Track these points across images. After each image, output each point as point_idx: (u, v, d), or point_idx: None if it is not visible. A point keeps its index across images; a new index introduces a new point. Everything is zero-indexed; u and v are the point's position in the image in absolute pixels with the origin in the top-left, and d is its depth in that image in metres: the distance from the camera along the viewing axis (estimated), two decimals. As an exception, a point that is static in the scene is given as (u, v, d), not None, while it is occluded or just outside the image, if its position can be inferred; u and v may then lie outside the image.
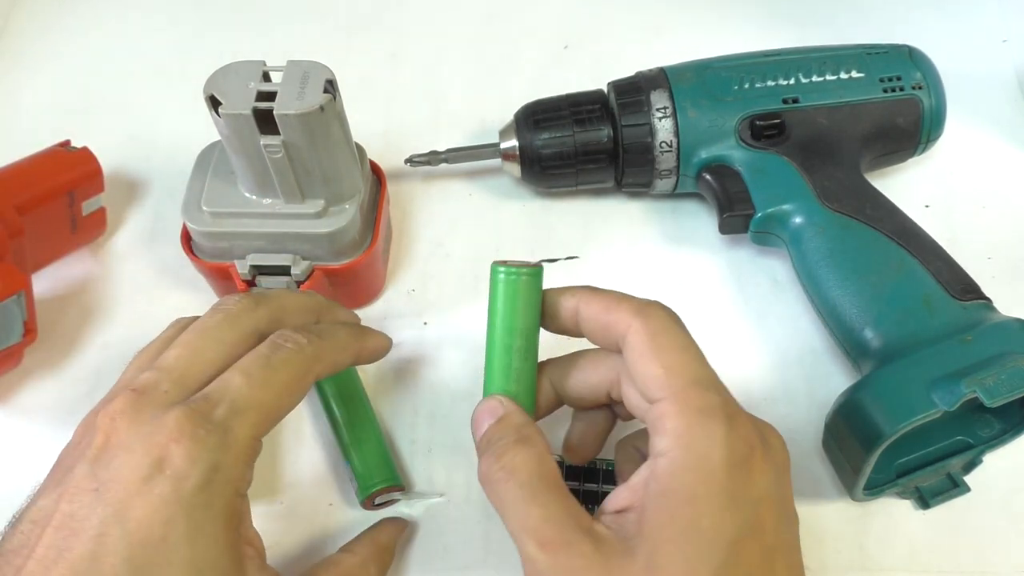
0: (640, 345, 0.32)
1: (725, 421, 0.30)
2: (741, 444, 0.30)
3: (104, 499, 0.30)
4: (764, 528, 0.30)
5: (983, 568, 0.39)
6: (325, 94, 0.37)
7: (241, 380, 0.32)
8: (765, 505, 0.30)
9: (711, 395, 0.31)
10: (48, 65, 0.58)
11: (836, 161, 0.45)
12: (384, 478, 0.40)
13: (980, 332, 0.37)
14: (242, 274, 0.42)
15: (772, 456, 0.31)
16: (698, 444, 0.30)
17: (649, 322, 0.33)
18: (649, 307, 0.33)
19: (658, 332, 0.32)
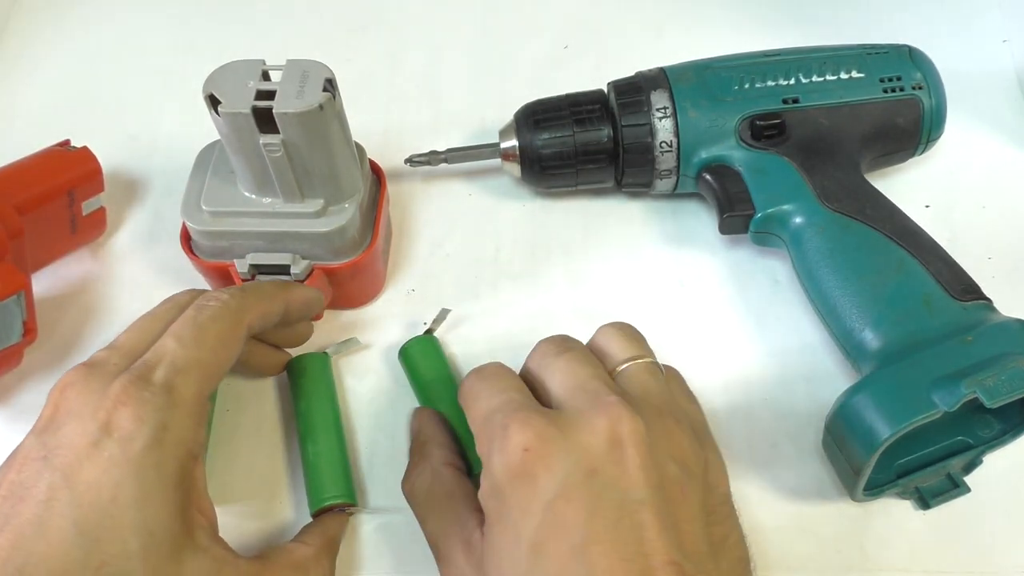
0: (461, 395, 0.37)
1: (498, 439, 0.32)
2: (513, 453, 0.31)
3: (52, 465, 0.30)
4: (567, 522, 0.30)
5: (983, 568, 0.39)
6: (324, 93, 0.37)
7: (173, 342, 0.33)
8: (563, 499, 0.31)
9: (494, 419, 0.33)
10: (48, 65, 0.58)
11: (836, 161, 0.45)
12: (335, 494, 0.39)
13: (980, 332, 0.37)
14: (242, 273, 0.42)
15: (561, 446, 0.31)
16: (488, 470, 0.33)
17: (461, 394, 0.37)
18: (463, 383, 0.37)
19: (465, 396, 0.36)
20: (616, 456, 0.31)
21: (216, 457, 0.43)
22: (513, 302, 0.47)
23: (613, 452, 0.31)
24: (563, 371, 0.35)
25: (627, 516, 0.30)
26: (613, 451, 0.31)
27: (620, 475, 0.31)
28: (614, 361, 0.36)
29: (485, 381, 0.36)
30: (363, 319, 0.47)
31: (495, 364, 0.37)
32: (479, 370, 0.37)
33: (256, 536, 0.41)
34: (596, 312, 0.46)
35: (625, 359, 0.36)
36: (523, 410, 0.33)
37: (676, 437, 0.34)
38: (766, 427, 0.43)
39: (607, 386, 0.34)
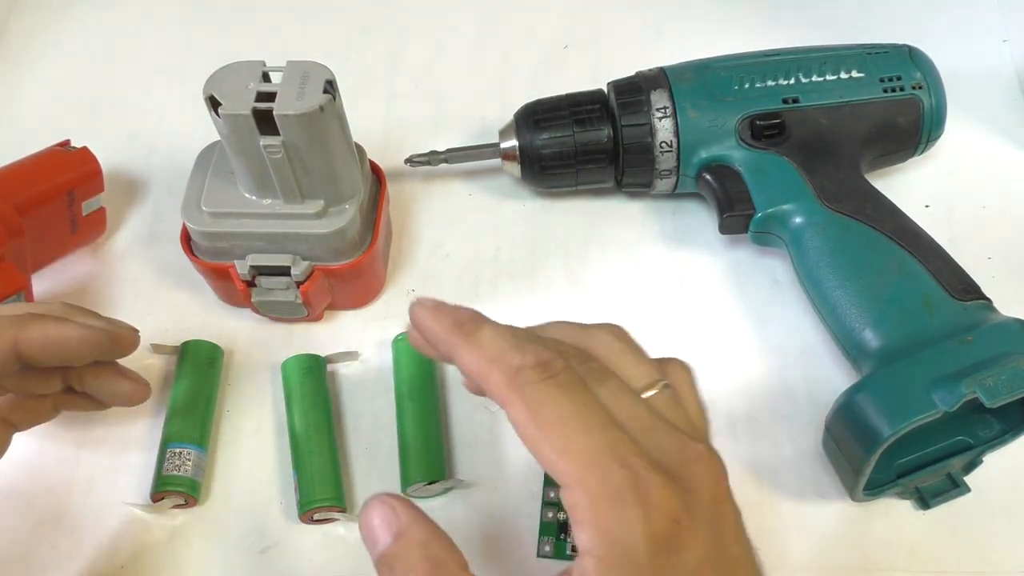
0: (524, 427, 0.28)
1: (639, 504, 0.27)
2: (662, 523, 0.27)
3: None
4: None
5: (983, 568, 0.39)
6: (325, 94, 0.37)
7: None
8: (702, 569, 0.27)
9: (616, 474, 0.27)
10: (48, 65, 0.58)
11: (836, 161, 0.45)
12: (325, 497, 0.40)
13: (980, 332, 0.37)
14: (242, 274, 0.42)
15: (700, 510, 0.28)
16: (617, 540, 0.27)
17: (525, 397, 0.28)
18: (524, 376, 0.28)
19: (537, 407, 0.28)
20: (721, 513, 0.29)
21: (216, 457, 0.43)
22: (513, 302, 0.47)
23: (718, 508, 0.29)
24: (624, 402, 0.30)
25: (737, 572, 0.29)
26: (718, 507, 0.29)
27: (727, 533, 0.29)
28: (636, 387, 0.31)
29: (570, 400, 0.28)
30: (363, 319, 0.47)
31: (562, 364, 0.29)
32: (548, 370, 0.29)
33: (256, 536, 0.41)
34: (596, 312, 0.47)
35: (644, 387, 0.31)
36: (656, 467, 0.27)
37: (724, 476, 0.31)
38: (766, 427, 0.43)
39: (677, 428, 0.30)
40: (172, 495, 0.40)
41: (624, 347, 0.32)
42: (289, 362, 0.43)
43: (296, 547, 0.40)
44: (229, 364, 0.46)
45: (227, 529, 0.41)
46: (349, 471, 0.42)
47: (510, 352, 0.29)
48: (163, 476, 0.40)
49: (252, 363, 0.46)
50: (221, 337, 0.45)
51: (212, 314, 0.47)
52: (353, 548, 0.40)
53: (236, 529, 0.41)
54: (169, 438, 0.41)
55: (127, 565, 0.40)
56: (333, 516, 0.40)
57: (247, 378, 0.45)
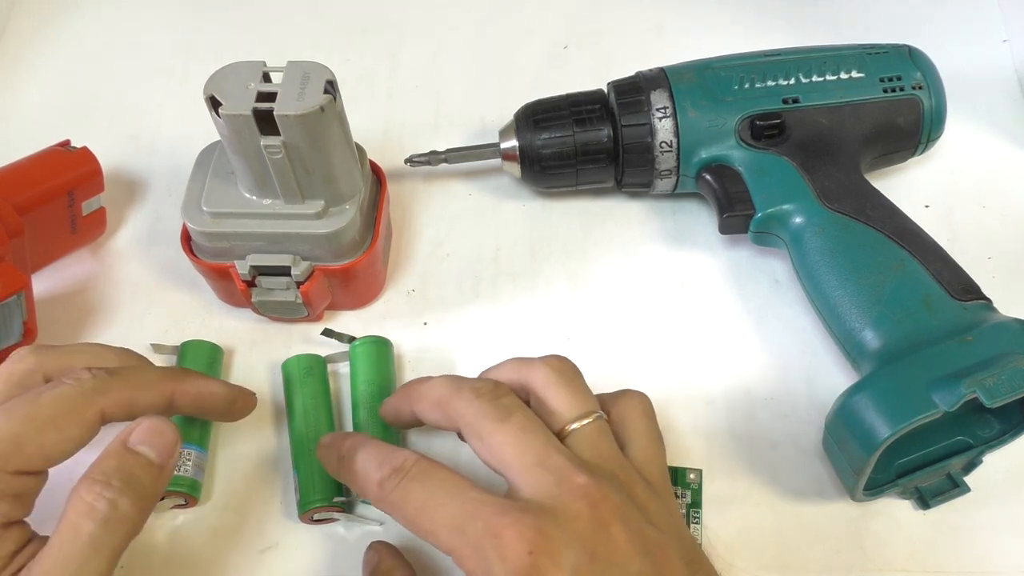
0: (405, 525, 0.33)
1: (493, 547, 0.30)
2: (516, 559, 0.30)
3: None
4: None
5: (983, 568, 0.39)
6: (325, 95, 0.37)
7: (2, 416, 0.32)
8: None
9: (470, 530, 0.31)
10: (48, 65, 0.58)
11: (836, 161, 0.45)
12: (325, 497, 0.39)
13: (980, 332, 0.37)
14: (242, 275, 0.42)
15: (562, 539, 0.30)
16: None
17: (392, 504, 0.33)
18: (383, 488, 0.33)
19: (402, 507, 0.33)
20: (604, 536, 0.31)
21: (216, 457, 0.43)
22: (513, 302, 0.47)
23: (600, 533, 0.31)
24: (514, 443, 0.33)
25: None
26: (600, 532, 0.31)
27: (612, 552, 0.31)
28: (562, 420, 0.35)
29: (424, 487, 0.33)
30: (363, 319, 0.47)
31: (421, 462, 0.33)
32: (400, 473, 0.33)
33: (256, 536, 0.41)
34: (596, 312, 0.47)
35: (574, 418, 0.35)
36: (504, 511, 0.31)
37: (641, 500, 0.33)
38: (766, 427, 0.43)
39: (569, 461, 0.33)
40: (172, 495, 0.40)
41: (559, 379, 0.36)
42: (289, 362, 0.43)
43: (296, 547, 0.40)
44: (229, 364, 0.46)
45: (227, 529, 0.41)
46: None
47: (372, 471, 0.34)
48: (163, 476, 0.40)
49: (252, 363, 0.46)
50: (221, 337, 0.45)
51: (212, 314, 0.47)
52: (353, 548, 0.40)
53: (236, 529, 0.41)
54: (169, 438, 0.41)
55: (127, 565, 0.40)
56: (333, 516, 0.40)
57: (247, 378, 0.45)
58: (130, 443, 0.33)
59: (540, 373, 0.36)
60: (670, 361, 0.45)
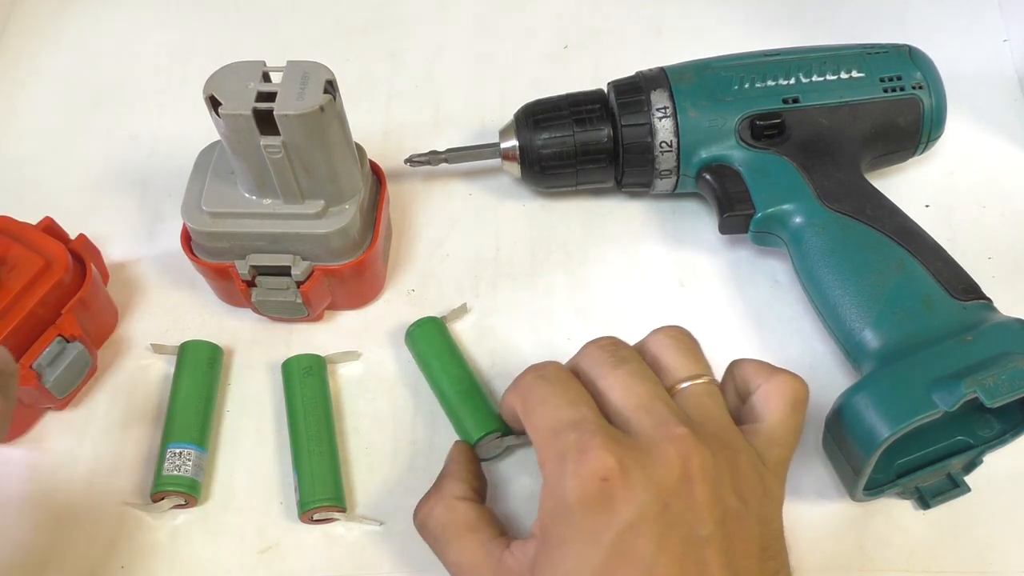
0: (520, 417, 0.36)
1: (573, 461, 0.31)
2: (590, 481, 0.31)
3: None
4: (635, 552, 0.30)
5: (983, 568, 0.39)
6: (325, 95, 0.37)
7: None
8: (634, 530, 0.30)
9: (564, 437, 0.32)
10: (48, 65, 0.58)
11: (836, 161, 0.45)
12: (325, 497, 0.40)
13: (980, 332, 0.37)
14: (242, 275, 0.42)
15: (640, 476, 0.31)
16: (554, 492, 0.32)
17: (518, 392, 0.36)
18: (520, 379, 0.36)
19: (525, 398, 0.35)
20: (686, 491, 0.31)
21: (216, 457, 0.43)
22: (513, 302, 0.47)
23: (683, 487, 0.31)
24: (623, 387, 0.34)
25: (692, 552, 0.31)
26: (683, 486, 0.31)
27: (687, 510, 0.31)
28: (673, 378, 0.36)
29: (551, 386, 0.35)
30: (363, 320, 0.47)
31: (555, 366, 0.36)
32: (540, 371, 0.36)
33: (256, 536, 0.41)
34: (596, 312, 0.47)
35: (684, 378, 0.35)
36: (601, 434, 0.32)
37: (738, 469, 0.33)
38: (766, 427, 0.43)
39: (673, 413, 0.33)
40: (172, 495, 0.40)
41: (673, 343, 0.37)
42: (289, 362, 0.43)
43: (296, 547, 0.40)
44: (229, 364, 0.46)
45: (227, 529, 0.41)
46: (349, 471, 0.42)
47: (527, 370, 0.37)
48: (163, 476, 0.40)
49: (252, 363, 0.46)
50: (221, 337, 0.45)
51: (212, 314, 0.47)
52: (353, 548, 0.40)
53: (236, 529, 0.41)
54: (169, 438, 0.41)
55: (127, 565, 0.40)
56: (333, 516, 0.40)
57: (247, 378, 0.45)
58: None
59: (657, 337, 0.37)
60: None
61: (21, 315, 0.40)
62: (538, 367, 0.36)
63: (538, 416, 0.34)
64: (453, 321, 0.46)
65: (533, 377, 0.36)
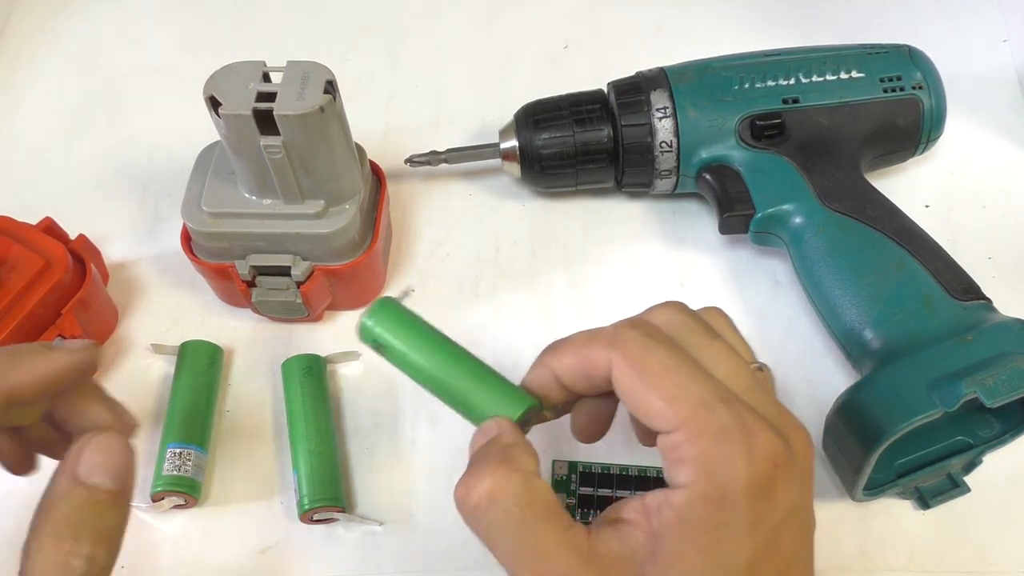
0: (627, 381, 0.30)
1: (743, 442, 0.28)
2: (763, 464, 0.28)
3: None
4: (782, 546, 0.29)
5: (983, 568, 0.39)
6: (325, 95, 0.37)
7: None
8: (786, 523, 0.29)
9: (722, 413, 0.28)
10: (48, 65, 0.58)
11: (836, 161, 0.45)
12: (325, 497, 0.40)
13: (980, 332, 0.37)
14: (242, 275, 0.42)
15: (796, 466, 0.29)
16: (720, 474, 0.28)
17: (628, 352, 0.30)
18: (621, 333, 0.30)
19: (641, 360, 0.29)
20: (808, 482, 0.30)
21: (216, 457, 0.43)
22: (513, 302, 0.47)
23: (808, 477, 0.30)
24: (728, 363, 0.30)
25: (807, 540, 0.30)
26: (807, 476, 0.30)
27: (807, 500, 0.30)
28: None
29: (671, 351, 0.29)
30: (363, 319, 0.47)
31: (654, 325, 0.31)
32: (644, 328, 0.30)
33: (256, 536, 0.41)
34: (596, 312, 0.47)
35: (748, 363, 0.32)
36: (757, 414, 0.29)
37: None
38: (766, 427, 0.43)
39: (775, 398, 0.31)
40: (172, 495, 0.40)
41: (729, 325, 0.34)
42: (289, 362, 0.43)
43: (296, 547, 0.40)
44: (229, 364, 0.46)
45: (227, 529, 0.41)
46: (349, 471, 0.42)
47: (601, 328, 0.31)
48: (163, 476, 0.40)
49: (252, 363, 0.46)
50: (221, 337, 0.45)
51: (212, 314, 0.47)
52: (353, 548, 0.40)
53: (236, 529, 0.41)
54: (169, 438, 0.41)
55: (127, 565, 0.40)
56: (333, 516, 0.40)
57: (247, 378, 0.45)
58: (80, 475, 0.29)
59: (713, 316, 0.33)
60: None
61: (21, 315, 0.41)
62: (636, 323, 0.31)
63: (670, 383, 0.29)
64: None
65: (640, 336, 0.30)
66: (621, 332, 0.30)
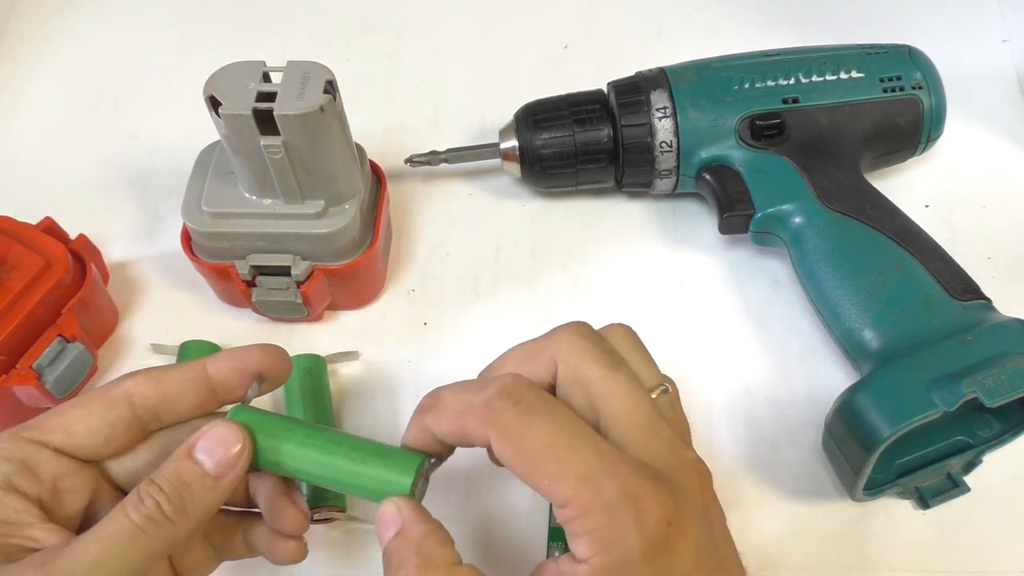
0: (509, 460, 0.29)
1: (631, 511, 0.28)
2: (655, 528, 0.28)
3: None
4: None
5: (983, 568, 0.39)
6: (325, 95, 0.37)
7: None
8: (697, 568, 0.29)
9: (606, 486, 0.28)
10: (48, 65, 0.58)
11: (836, 161, 0.45)
12: (325, 497, 0.39)
13: (980, 332, 0.37)
14: (242, 275, 0.42)
15: (689, 506, 0.29)
16: (615, 547, 0.28)
17: (504, 430, 0.29)
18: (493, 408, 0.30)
19: (518, 438, 0.29)
20: (709, 515, 0.31)
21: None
22: (513, 302, 0.47)
23: (707, 511, 0.31)
24: (627, 397, 0.30)
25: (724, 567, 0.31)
26: (707, 510, 0.31)
27: (716, 533, 0.31)
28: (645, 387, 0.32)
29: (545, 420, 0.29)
30: (363, 320, 0.47)
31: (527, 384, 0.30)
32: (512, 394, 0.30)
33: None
34: (596, 312, 0.47)
35: (654, 387, 0.33)
36: (640, 473, 0.28)
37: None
38: (766, 427, 0.43)
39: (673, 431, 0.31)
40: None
41: (634, 346, 0.34)
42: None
43: (296, 547, 0.40)
44: (229, 364, 0.46)
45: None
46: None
47: (473, 396, 0.30)
48: (163, 476, 0.40)
49: (252, 363, 0.46)
50: (221, 337, 0.45)
51: (212, 314, 0.47)
52: (353, 548, 0.40)
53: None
54: (169, 438, 0.41)
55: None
56: (333, 516, 0.40)
57: (247, 378, 0.45)
58: (193, 450, 0.31)
59: (618, 335, 0.34)
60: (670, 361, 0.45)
61: (21, 315, 0.41)
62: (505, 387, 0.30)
63: (551, 461, 0.29)
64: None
65: (514, 410, 0.29)
66: (493, 406, 0.30)
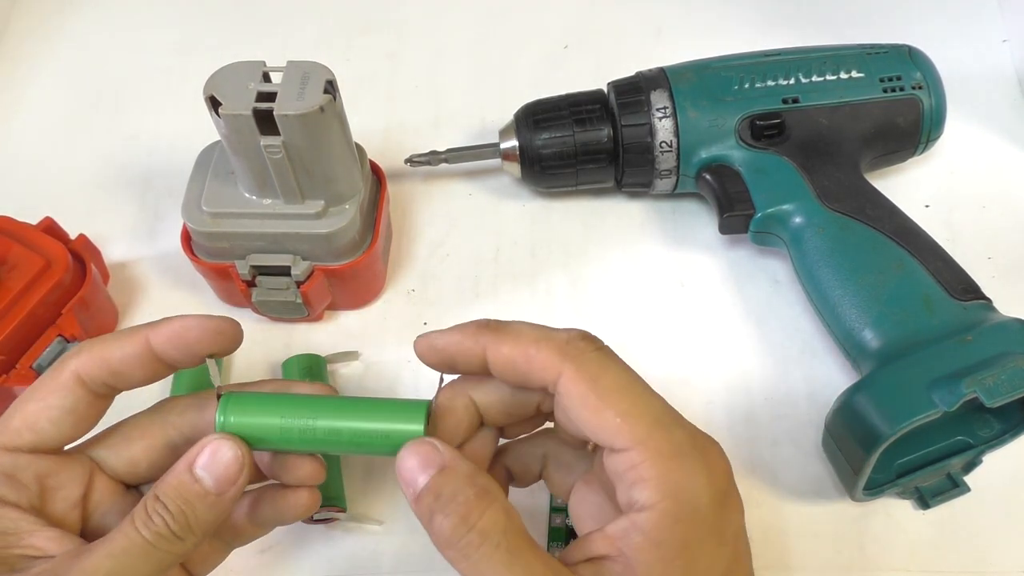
0: (581, 395, 0.29)
1: (702, 460, 0.29)
2: (721, 479, 0.30)
3: None
4: (742, 551, 0.31)
5: (983, 568, 0.39)
6: (325, 95, 0.37)
7: None
8: (741, 533, 0.31)
9: (677, 433, 0.29)
10: (48, 65, 0.58)
11: (836, 161, 0.45)
12: (325, 497, 0.39)
13: (980, 332, 0.37)
14: (242, 275, 0.42)
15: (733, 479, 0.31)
16: (684, 493, 0.28)
17: (583, 365, 0.29)
18: (576, 345, 0.30)
19: (597, 375, 0.29)
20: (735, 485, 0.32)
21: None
22: (513, 302, 0.47)
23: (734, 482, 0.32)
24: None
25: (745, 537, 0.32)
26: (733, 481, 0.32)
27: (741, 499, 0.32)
28: None
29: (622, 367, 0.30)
30: (363, 320, 0.47)
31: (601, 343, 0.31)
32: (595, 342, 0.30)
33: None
34: (597, 312, 0.47)
35: None
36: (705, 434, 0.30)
37: None
38: (766, 427, 0.43)
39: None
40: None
41: None
42: (289, 362, 0.43)
43: (296, 547, 0.40)
44: (229, 364, 0.46)
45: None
46: (349, 471, 0.42)
47: (552, 332, 0.30)
48: (163, 476, 0.40)
49: (252, 363, 0.46)
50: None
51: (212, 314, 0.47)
52: (353, 548, 0.40)
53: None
54: (169, 438, 0.41)
55: (127, 565, 0.40)
56: (333, 516, 0.40)
57: (247, 378, 0.45)
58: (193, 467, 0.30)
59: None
60: (670, 361, 0.45)
61: (21, 315, 0.41)
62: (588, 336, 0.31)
63: (626, 401, 0.29)
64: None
65: (595, 350, 0.30)
66: (577, 343, 0.30)
